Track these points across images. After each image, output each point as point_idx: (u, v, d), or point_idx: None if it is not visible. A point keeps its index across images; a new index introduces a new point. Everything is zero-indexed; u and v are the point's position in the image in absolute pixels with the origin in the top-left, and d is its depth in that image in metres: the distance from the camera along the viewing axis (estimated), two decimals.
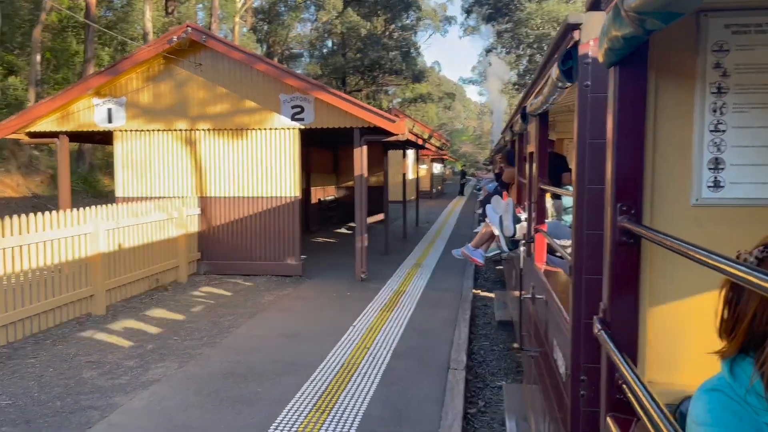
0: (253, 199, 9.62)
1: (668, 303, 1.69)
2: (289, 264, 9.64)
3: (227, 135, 9.62)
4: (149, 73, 9.62)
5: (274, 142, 9.53)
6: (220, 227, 9.72)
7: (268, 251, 9.65)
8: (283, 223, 9.58)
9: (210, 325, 6.98)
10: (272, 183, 9.58)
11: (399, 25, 45.35)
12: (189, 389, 4.95)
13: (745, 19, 1.61)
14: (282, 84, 9.35)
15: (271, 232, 9.61)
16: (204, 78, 9.57)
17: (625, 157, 1.54)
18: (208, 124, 9.60)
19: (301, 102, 9.34)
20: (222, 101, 9.56)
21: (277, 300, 8.20)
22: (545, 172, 3.75)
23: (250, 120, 9.52)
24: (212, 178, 9.68)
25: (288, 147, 9.51)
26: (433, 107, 61.80)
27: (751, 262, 0.97)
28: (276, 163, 9.55)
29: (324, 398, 4.79)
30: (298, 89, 9.28)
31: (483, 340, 7.33)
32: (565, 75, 2.16)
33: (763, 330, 0.95)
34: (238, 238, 9.69)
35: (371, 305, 7.93)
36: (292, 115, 9.39)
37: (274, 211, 9.59)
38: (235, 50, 9.15)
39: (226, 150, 9.63)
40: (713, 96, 1.65)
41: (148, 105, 9.65)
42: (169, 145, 9.71)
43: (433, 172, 32.04)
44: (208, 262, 9.79)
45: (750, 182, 1.66)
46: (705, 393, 1.00)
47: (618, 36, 1.27)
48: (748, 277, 0.80)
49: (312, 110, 9.33)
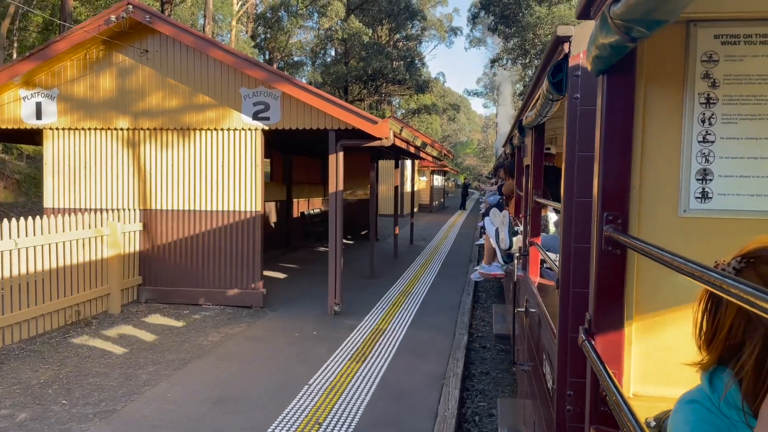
0: (206, 214, 7.99)
1: (655, 314, 1.67)
2: (247, 293, 7.98)
3: (177, 136, 8.01)
4: (86, 61, 8.05)
5: (233, 145, 7.92)
6: (166, 246, 8.08)
7: (223, 277, 8.01)
8: (241, 243, 7.94)
9: (121, 380, 5.32)
10: (230, 195, 7.95)
11: (404, 34, 44.93)
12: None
13: (734, 29, 1.60)
14: (243, 76, 7.77)
15: (227, 253, 7.97)
16: (151, 68, 7.99)
17: (612, 166, 1.54)
18: (154, 123, 8.00)
19: (265, 98, 7.74)
20: (172, 96, 7.97)
21: (222, 342, 6.53)
22: (540, 184, 3.70)
23: (205, 118, 7.92)
24: (158, 187, 8.07)
25: (249, 151, 7.90)
26: (437, 119, 61.12)
27: (729, 272, 0.96)
28: (235, 171, 7.93)
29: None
30: (262, 82, 7.69)
31: (484, 381, 5.65)
32: (555, 88, 2.14)
33: (741, 341, 0.95)
34: (188, 260, 8.05)
35: (339, 352, 6.26)
36: (255, 114, 7.79)
37: (231, 229, 7.96)
38: (185, 33, 7.57)
39: (176, 154, 8.02)
40: (702, 106, 1.64)
41: (84, 99, 8.07)
42: (109, 147, 8.11)
43: (433, 184, 30.40)
44: (151, 289, 8.14)
45: (738, 194, 1.65)
46: (684, 405, 0.99)
47: (605, 44, 1.27)
48: (727, 287, 0.80)
49: (278, 108, 7.73)
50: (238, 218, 7.93)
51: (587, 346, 1.52)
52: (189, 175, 8.00)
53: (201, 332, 6.90)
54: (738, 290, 0.76)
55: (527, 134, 4.27)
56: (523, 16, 25.27)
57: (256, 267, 7.92)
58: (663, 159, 1.67)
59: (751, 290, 0.72)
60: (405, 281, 10.53)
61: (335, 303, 7.79)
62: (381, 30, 44.52)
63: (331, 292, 7.82)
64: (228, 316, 7.62)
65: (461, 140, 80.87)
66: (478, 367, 6.79)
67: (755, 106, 1.62)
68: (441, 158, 15.44)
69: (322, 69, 42.37)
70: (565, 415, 1.91)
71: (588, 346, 1.51)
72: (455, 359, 6.18)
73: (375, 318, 7.75)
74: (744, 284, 0.75)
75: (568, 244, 1.99)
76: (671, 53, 1.64)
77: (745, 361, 0.93)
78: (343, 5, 39.80)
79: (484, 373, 6.60)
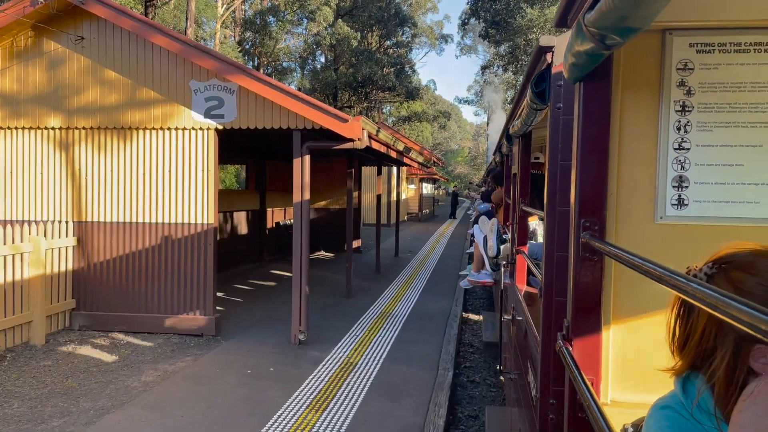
0: (151, 227, 6.88)
1: (632, 320, 1.67)
2: (197, 319, 6.86)
3: (117, 137, 6.91)
4: (12, 50, 6.94)
5: (181, 147, 6.84)
6: (105, 265, 6.96)
7: (169, 300, 6.88)
8: (191, 261, 6.83)
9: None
10: (178, 205, 6.85)
11: (394, 41, 44.76)
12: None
13: (709, 38, 1.62)
14: (193, 67, 6.70)
15: (174, 273, 6.86)
16: (87, 58, 6.90)
17: (589, 172, 1.56)
18: (91, 122, 6.90)
19: (219, 92, 6.67)
20: (111, 90, 6.88)
21: (156, 383, 5.41)
22: (527, 193, 3.71)
23: (149, 117, 6.83)
24: (96, 196, 6.95)
25: (201, 154, 6.81)
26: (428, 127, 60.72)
27: (701, 278, 0.97)
28: (184, 177, 6.84)
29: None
30: (215, 74, 6.63)
31: (473, 428, 4.57)
32: (539, 97, 2.14)
33: (712, 346, 0.95)
34: (129, 281, 6.92)
35: (297, 396, 5.16)
36: (207, 111, 6.72)
37: (179, 245, 6.85)
38: (123, 16, 6.49)
39: (116, 158, 6.91)
40: (677, 114, 1.66)
41: (9, 94, 6.96)
42: (38, 150, 6.99)
43: (422, 192, 29.37)
44: (86, 314, 7.00)
45: (713, 200, 1.67)
46: (657, 410, 1.00)
47: (581, 51, 1.29)
48: (692, 291, 0.81)
49: (234, 104, 6.65)
50: (187, 232, 6.83)
51: (564, 352, 1.53)
52: (131, 182, 6.89)
53: (134, 369, 5.77)
54: (703, 295, 0.76)
55: (514, 143, 4.22)
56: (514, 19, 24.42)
57: (208, 289, 6.81)
58: (639, 166, 1.68)
59: (718, 297, 0.72)
60: (386, 300, 9.44)
61: (300, 331, 6.69)
62: (371, 37, 44.26)
63: (295, 318, 6.72)
64: (173, 347, 6.49)
65: (452, 148, 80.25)
66: (466, 408, 5.72)
67: (730, 113, 1.64)
68: (429, 165, 14.42)
69: (311, 75, 41.80)
70: (548, 423, 1.89)
71: (565, 353, 1.52)
72: (436, 405, 5.10)
73: (346, 347, 6.66)
74: (712, 290, 0.75)
75: (551, 253, 1.99)
76: (647, 61, 1.66)
77: (717, 366, 0.93)
78: (332, 11, 39.19)
79: (472, 416, 5.53)
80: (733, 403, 0.87)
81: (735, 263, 0.95)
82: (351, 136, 6.30)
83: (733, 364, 0.91)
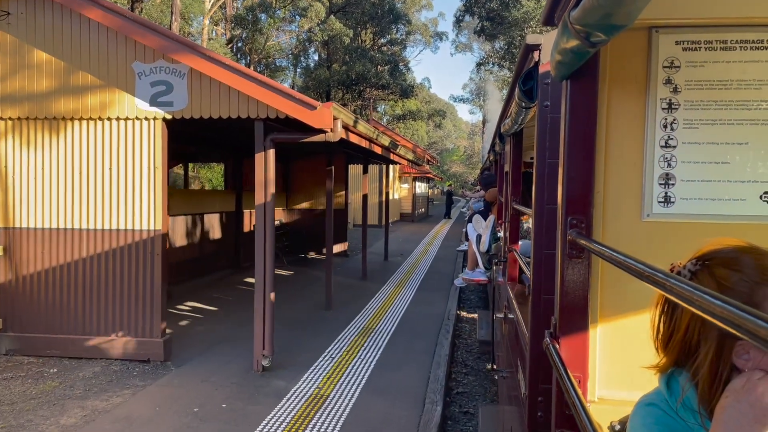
0: (89, 234, 5.88)
1: (619, 317, 1.68)
2: (143, 342, 5.86)
3: (49, 129, 5.91)
4: None
5: (123, 140, 5.84)
6: (36, 278, 5.95)
7: (111, 320, 5.89)
8: (136, 273, 5.83)
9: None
10: (120, 208, 5.85)
11: (388, 38, 44.31)
12: None
13: (695, 36, 1.63)
14: (136, 46, 5.71)
15: (116, 288, 5.86)
16: (14, 36, 5.90)
17: (576, 170, 1.56)
18: (18, 111, 5.90)
19: (167, 75, 5.68)
20: (41, 75, 5.88)
21: (77, 427, 4.40)
22: (519, 191, 3.72)
23: (86, 105, 5.83)
24: (24, 198, 5.95)
25: (147, 149, 5.82)
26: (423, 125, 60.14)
27: (685, 274, 0.98)
28: (127, 176, 5.84)
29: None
30: (162, 54, 5.63)
31: None
32: (527, 95, 2.16)
33: (696, 343, 0.95)
34: (65, 298, 5.92)
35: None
36: (154, 97, 5.72)
37: (122, 255, 5.85)
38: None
39: (47, 153, 5.91)
40: (664, 111, 1.66)
41: None
42: None
43: (415, 192, 28.37)
44: (14, 336, 5.99)
45: (700, 198, 1.67)
46: (642, 407, 1.00)
47: (567, 49, 1.30)
48: (669, 286, 0.81)
49: (185, 89, 5.66)
50: (131, 239, 5.83)
51: (551, 350, 1.53)
52: (65, 182, 5.89)
53: (57, 408, 4.77)
54: (685, 292, 0.76)
55: (506, 142, 4.23)
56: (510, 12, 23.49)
57: (156, 306, 5.81)
58: (626, 163, 1.68)
59: (701, 295, 0.72)
60: (370, 313, 8.46)
61: (263, 355, 5.70)
62: (365, 34, 43.68)
63: (257, 340, 5.73)
64: (111, 377, 5.49)
65: (447, 147, 79.54)
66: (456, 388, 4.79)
67: (716, 111, 1.64)
68: (420, 163, 13.47)
69: (303, 73, 41.25)
70: (537, 421, 1.89)
71: (552, 351, 1.52)
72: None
73: (318, 374, 5.68)
74: (694, 288, 0.75)
75: (539, 251, 2.01)
76: (634, 59, 1.65)
77: (701, 363, 0.93)
78: (325, 7, 38.43)
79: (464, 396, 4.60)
80: (716, 400, 0.87)
81: (718, 260, 0.96)
82: (320, 126, 5.32)
83: (716, 361, 0.91)
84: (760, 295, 0.90)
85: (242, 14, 37.93)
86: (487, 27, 27.31)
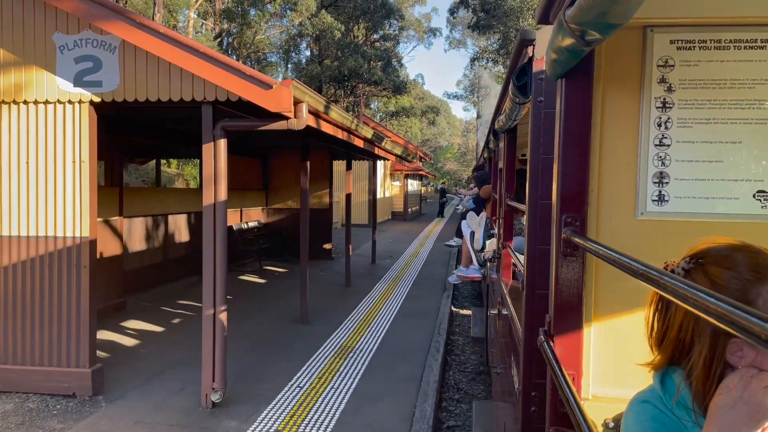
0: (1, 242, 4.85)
1: (614, 315, 1.68)
2: (67, 373, 4.84)
3: None
4: None
5: (42, 129, 4.82)
6: None
7: (29, 346, 4.88)
8: (57, 290, 4.82)
9: None
10: (37, 211, 4.84)
11: (380, 34, 43.75)
12: None
13: (689, 35, 1.62)
14: (58, 13, 4.69)
15: (32, 308, 4.84)
16: None
17: (570, 169, 1.56)
18: None
19: (95, 49, 4.68)
20: None
21: None
22: (513, 188, 3.69)
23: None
24: None
25: (70, 139, 4.80)
26: (416, 122, 59.34)
27: (678, 272, 0.97)
28: (46, 172, 4.82)
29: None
30: (89, 22, 4.61)
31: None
32: (520, 91, 2.14)
33: (690, 340, 0.95)
34: None
35: None
36: (79, 76, 4.72)
37: (40, 267, 4.83)
38: None
39: None
40: (658, 110, 1.66)
41: None
42: None
43: (407, 190, 27.35)
44: None
45: (694, 197, 1.66)
46: (636, 405, 1.00)
47: (562, 47, 1.29)
48: (663, 283, 0.80)
49: (117, 65, 4.65)
50: (51, 249, 4.81)
51: (546, 348, 1.54)
52: None
53: None
54: (678, 290, 0.75)
55: (500, 138, 4.15)
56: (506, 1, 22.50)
57: (83, 329, 4.80)
58: (620, 162, 1.67)
59: (694, 292, 0.71)
60: (350, 327, 7.47)
61: (213, 389, 4.69)
62: (357, 29, 42.98)
63: (206, 370, 4.72)
64: (23, 417, 4.47)
65: (441, 145, 78.70)
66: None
67: (710, 110, 1.63)
68: (410, 159, 12.49)
69: (294, 69, 40.56)
70: (530, 416, 1.89)
71: (546, 348, 1.53)
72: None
73: (281, 410, 4.69)
74: (687, 286, 0.74)
75: (533, 246, 1.99)
76: (628, 58, 1.65)
77: (695, 361, 0.93)
78: (316, 1, 37.55)
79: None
80: (710, 397, 0.87)
81: (711, 258, 0.96)
82: (278, 109, 4.32)
83: (710, 358, 0.91)
84: (753, 293, 0.90)
85: (231, 7, 36.86)
86: (482, 18, 26.38)
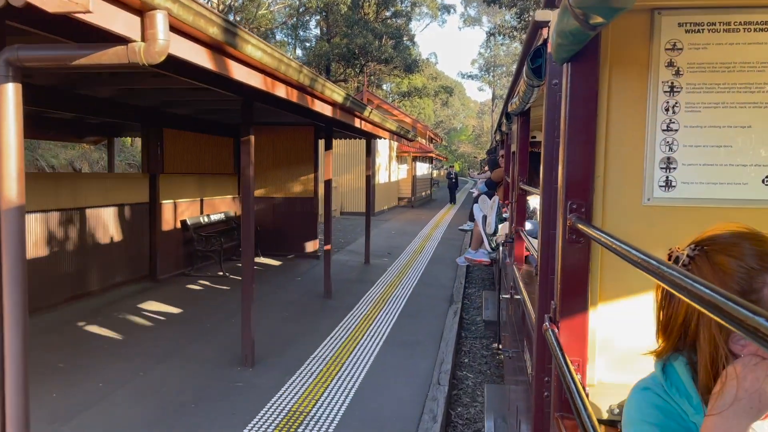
0: None
1: (619, 302, 1.67)
2: None
3: None
4: None
5: None
6: None
7: None
8: None
9: None
10: None
11: (392, 10, 41.43)
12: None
13: (698, 17, 1.61)
14: None
15: None
16: None
17: (576, 154, 1.54)
18: None
19: None
20: None
21: None
22: (525, 171, 3.73)
23: None
24: None
25: None
26: (429, 103, 56.83)
27: (683, 260, 0.96)
28: None
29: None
30: None
31: None
32: (535, 73, 2.13)
33: (695, 329, 0.95)
34: None
35: None
36: None
37: None
38: None
39: None
40: (666, 95, 1.64)
41: None
42: None
43: (415, 173, 24.93)
44: None
45: (701, 182, 1.65)
46: (637, 392, 1.00)
47: (566, 31, 1.28)
48: (661, 274, 0.80)
49: None
50: None
51: (550, 335, 1.55)
52: None
53: None
54: (682, 283, 0.75)
55: (513, 121, 4.23)
56: None
57: None
58: (627, 147, 1.65)
59: (699, 287, 0.70)
60: (314, 373, 5.19)
61: None
62: (368, 6, 40.73)
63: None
64: None
65: (455, 127, 76.06)
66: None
67: (718, 94, 1.61)
68: (409, 137, 10.16)
69: (301, 46, 38.85)
70: (543, 400, 1.90)
71: (551, 335, 1.54)
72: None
73: None
74: (691, 279, 0.73)
75: (546, 231, 1.96)
76: (635, 42, 1.63)
77: (699, 349, 0.93)
78: None
79: None
80: (712, 385, 0.88)
81: (717, 245, 0.95)
82: (60, 9, 1.96)
83: (713, 347, 0.91)
84: (759, 281, 0.90)
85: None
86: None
